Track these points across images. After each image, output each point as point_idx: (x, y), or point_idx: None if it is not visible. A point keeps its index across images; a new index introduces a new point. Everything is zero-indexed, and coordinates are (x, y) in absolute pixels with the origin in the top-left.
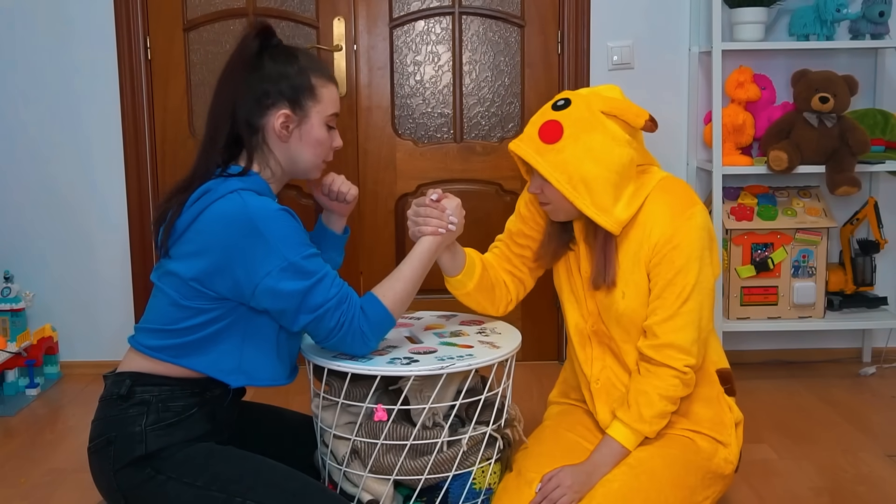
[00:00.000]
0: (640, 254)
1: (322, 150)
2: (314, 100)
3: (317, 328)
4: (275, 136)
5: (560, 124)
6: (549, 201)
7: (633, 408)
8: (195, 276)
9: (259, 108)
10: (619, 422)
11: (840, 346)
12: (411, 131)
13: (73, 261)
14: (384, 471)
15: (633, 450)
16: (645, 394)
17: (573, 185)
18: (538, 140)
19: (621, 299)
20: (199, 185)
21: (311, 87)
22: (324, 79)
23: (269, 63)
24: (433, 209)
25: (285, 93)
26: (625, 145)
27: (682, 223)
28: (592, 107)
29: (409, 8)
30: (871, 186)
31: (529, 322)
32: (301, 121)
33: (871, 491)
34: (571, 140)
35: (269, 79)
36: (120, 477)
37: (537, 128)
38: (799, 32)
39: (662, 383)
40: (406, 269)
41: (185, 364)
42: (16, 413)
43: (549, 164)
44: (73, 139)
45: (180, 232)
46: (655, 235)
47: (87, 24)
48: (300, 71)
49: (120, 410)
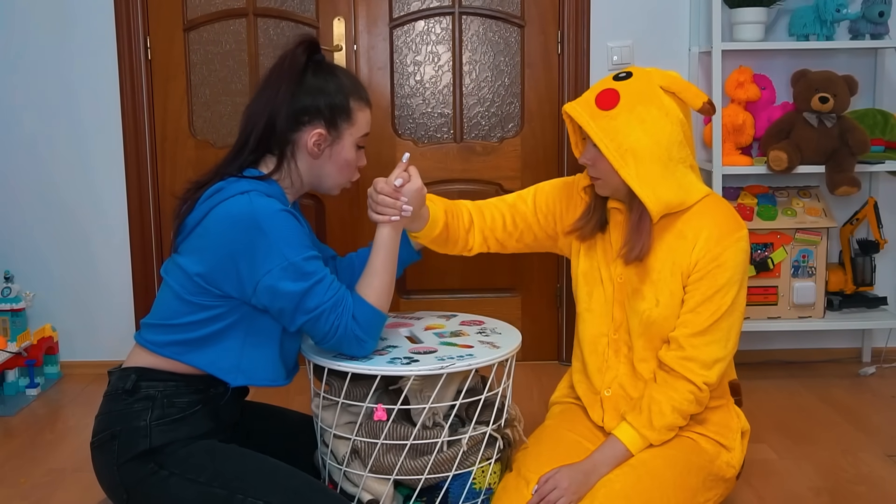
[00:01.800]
0: (680, 263)
1: (349, 170)
2: (349, 122)
3: (313, 329)
4: (305, 153)
5: (618, 93)
6: (600, 175)
7: (644, 413)
8: (200, 272)
9: (295, 123)
10: (628, 424)
11: (840, 346)
12: (411, 131)
13: (73, 261)
14: (384, 471)
15: (635, 454)
16: (658, 403)
17: (621, 153)
18: (594, 105)
19: (655, 307)
20: (215, 182)
21: (348, 109)
22: (361, 102)
23: (311, 79)
24: (388, 196)
25: (323, 112)
26: (677, 124)
27: (730, 244)
28: (652, 81)
29: (409, 8)
30: (871, 186)
31: (529, 322)
32: (334, 141)
33: (871, 491)
34: (626, 109)
35: (309, 95)
36: (123, 471)
37: (595, 94)
38: (799, 32)
39: (678, 395)
40: (377, 262)
41: (187, 361)
42: (16, 413)
43: (600, 130)
44: (73, 139)
45: (190, 228)
46: (700, 250)
47: (87, 24)
48: (339, 91)
49: (125, 405)
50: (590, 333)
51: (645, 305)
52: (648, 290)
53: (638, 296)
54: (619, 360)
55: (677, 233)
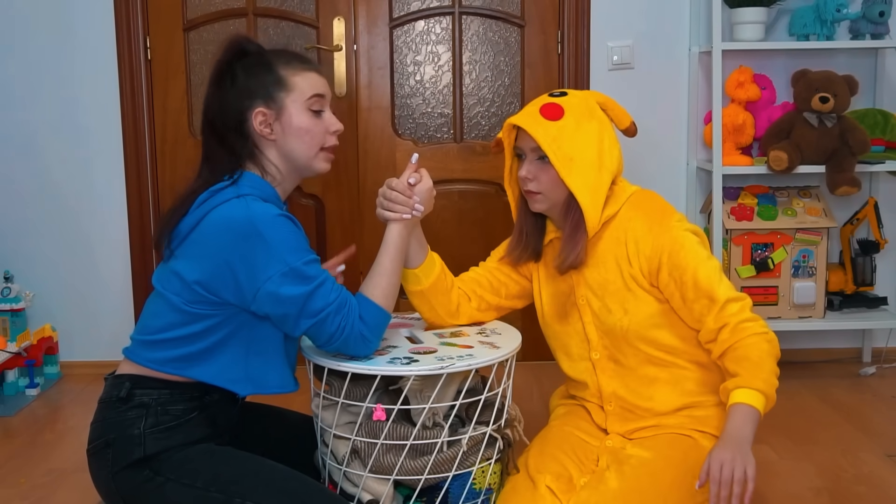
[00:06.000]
0: (626, 267)
1: (312, 137)
2: (286, 89)
3: (318, 332)
4: (260, 137)
5: (561, 106)
6: (541, 188)
7: (744, 372)
8: (198, 280)
9: (240, 115)
10: (739, 389)
11: (840, 346)
12: (411, 131)
13: (73, 261)
14: (384, 471)
15: (763, 412)
16: (748, 358)
17: (567, 160)
18: (539, 116)
19: (624, 315)
20: (203, 190)
21: (278, 77)
22: (292, 67)
23: (240, 73)
24: (401, 194)
25: (256, 91)
26: (616, 141)
27: (663, 231)
28: (589, 99)
29: (409, 8)
30: (871, 186)
31: (529, 322)
32: (278, 114)
33: (871, 491)
34: (573, 121)
35: (242, 86)
36: (118, 479)
37: (538, 107)
38: (799, 32)
39: (755, 345)
40: (385, 260)
41: (191, 375)
42: (16, 413)
43: (549, 137)
44: (73, 139)
45: (185, 234)
46: (640, 247)
47: (87, 24)
48: (268, 68)
49: (119, 413)
50: (572, 369)
51: (614, 318)
52: (612, 302)
53: (605, 311)
54: (609, 376)
55: (615, 240)
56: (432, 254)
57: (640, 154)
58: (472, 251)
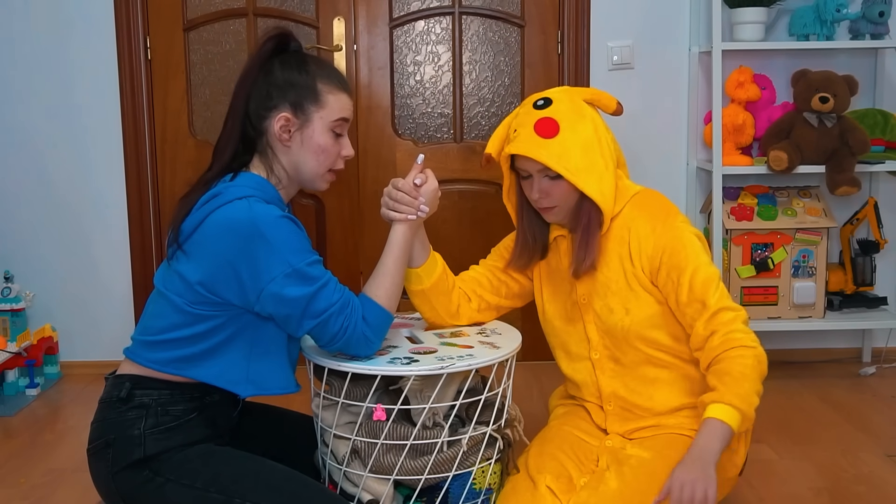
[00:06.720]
0: (629, 267)
1: (326, 157)
2: (318, 104)
3: (321, 333)
4: (276, 140)
5: (554, 120)
6: (556, 202)
7: (724, 387)
8: (201, 280)
9: (264, 110)
10: (715, 404)
11: (840, 346)
12: (411, 131)
13: (73, 261)
14: (384, 471)
15: (735, 429)
16: (729, 373)
17: (577, 170)
18: (537, 137)
19: (626, 315)
20: (208, 187)
21: (315, 90)
22: (331, 85)
23: (278, 68)
24: (406, 194)
25: (288, 96)
26: (607, 128)
27: (665, 230)
28: (574, 98)
29: (409, 8)
30: (871, 186)
31: (529, 322)
32: (303, 125)
33: (871, 491)
34: (570, 131)
35: (275, 82)
36: (118, 479)
37: (531, 128)
38: (799, 32)
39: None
40: (389, 261)
41: (193, 376)
42: (16, 413)
43: (555, 157)
44: (73, 139)
45: (187, 234)
46: (642, 247)
47: (87, 24)
48: (307, 75)
49: (119, 413)
50: (572, 369)
51: (616, 318)
52: (614, 301)
53: (606, 310)
54: (609, 376)
55: (618, 238)
56: (434, 254)
57: (640, 154)
58: (472, 251)
